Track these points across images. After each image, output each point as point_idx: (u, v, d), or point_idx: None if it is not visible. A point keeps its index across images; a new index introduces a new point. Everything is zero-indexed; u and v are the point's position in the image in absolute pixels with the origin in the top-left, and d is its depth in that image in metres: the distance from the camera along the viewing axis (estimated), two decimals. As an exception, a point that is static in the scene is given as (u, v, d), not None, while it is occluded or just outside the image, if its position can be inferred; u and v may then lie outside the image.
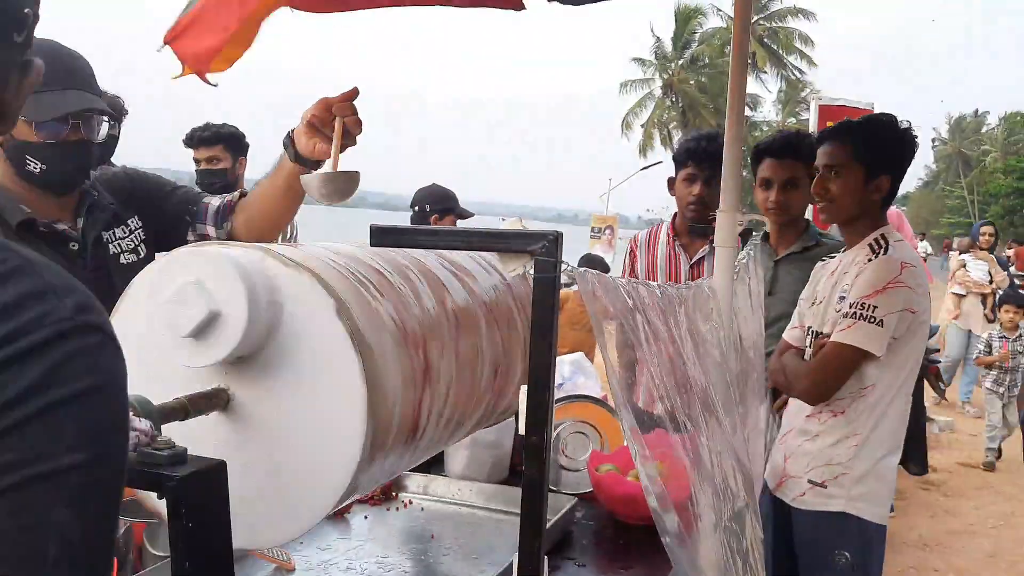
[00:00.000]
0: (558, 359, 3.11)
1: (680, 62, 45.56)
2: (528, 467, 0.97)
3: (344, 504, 1.98)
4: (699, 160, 2.94)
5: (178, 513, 1.05)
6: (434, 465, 2.30)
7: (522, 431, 0.96)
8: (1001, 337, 6.92)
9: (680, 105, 44.72)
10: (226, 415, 1.25)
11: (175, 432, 1.12)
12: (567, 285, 1.00)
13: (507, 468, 2.30)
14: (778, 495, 2.42)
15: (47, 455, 0.56)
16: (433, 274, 1.57)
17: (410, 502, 2.09)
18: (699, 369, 1.47)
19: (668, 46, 45.59)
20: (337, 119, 1.65)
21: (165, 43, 1.91)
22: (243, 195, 2.01)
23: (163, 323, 1.18)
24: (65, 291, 0.62)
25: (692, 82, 45.24)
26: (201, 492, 1.06)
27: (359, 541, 1.85)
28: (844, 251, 2.43)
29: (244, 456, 1.18)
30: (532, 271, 0.91)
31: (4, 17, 0.68)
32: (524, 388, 0.95)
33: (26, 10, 0.70)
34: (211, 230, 1.97)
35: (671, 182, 3.12)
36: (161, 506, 1.33)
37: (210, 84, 1.97)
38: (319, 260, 1.29)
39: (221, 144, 3.74)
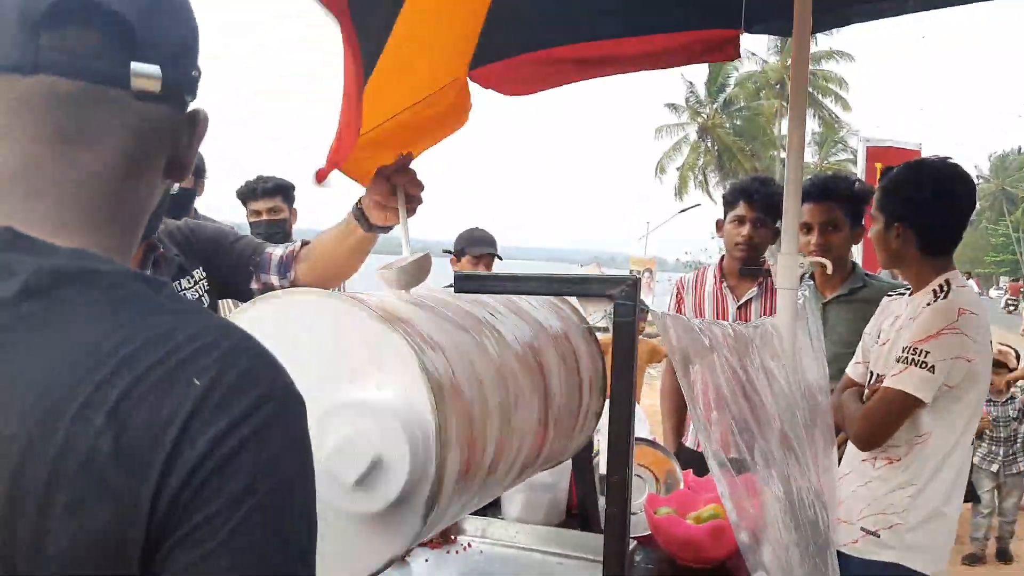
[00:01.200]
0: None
1: (715, 106, 45.78)
2: (610, 506, 0.99)
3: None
4: (750, 201, 2.96)
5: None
6: (491, 508, 2.31)
7: (602, 470, 0.98)
8: (989, 401, 5.44)
9: (715, 149, 44.82)
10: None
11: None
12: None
13: (563, 511, 2.30)
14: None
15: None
16: (495, 317, 1.61)
17: (469, 545, 2.09)
18: (776, 407, 1.48)
19: (701, 90, 45.88)
20: (398, 189, 1.67)
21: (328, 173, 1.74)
22: (304, 244, 2.05)
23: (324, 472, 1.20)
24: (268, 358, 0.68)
25: (728, 126, 45.39)
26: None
27: (421, 584, 1.86)
28: (911, 294, 2.39)
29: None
30: (612, 315, 0.94)
31: (179, 83, 0.73)
32: (605, 427, 0.97)
33: (194, 72, 0.75)
34: (275, 279, 2.01)
35: (720, 224, 3.15)
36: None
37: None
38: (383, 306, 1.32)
39: (280, 195, 3.81)
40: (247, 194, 3.81)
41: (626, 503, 0.97)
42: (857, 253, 3.21)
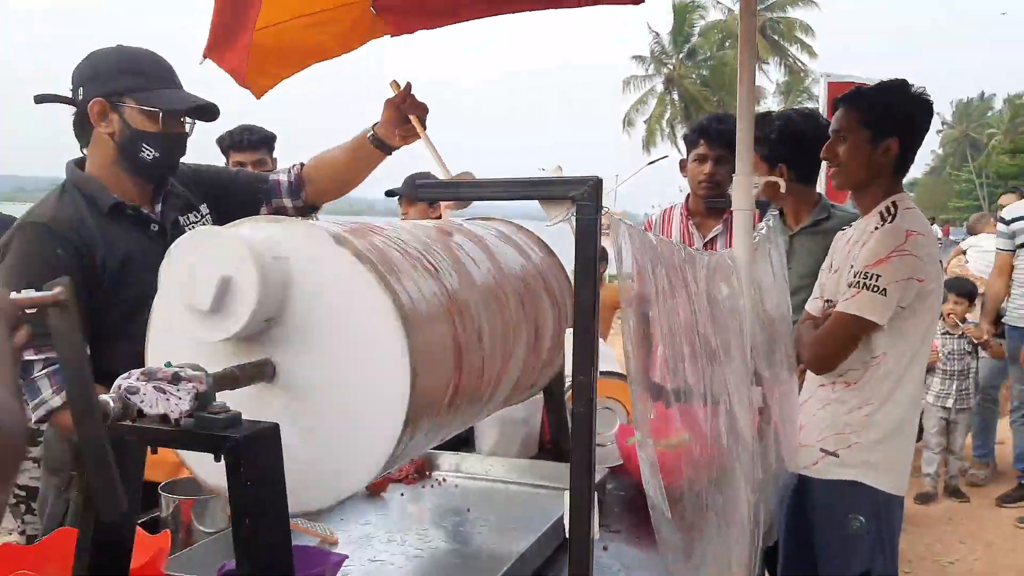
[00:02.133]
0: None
1: (680, 56, 45.56)
2: (577, 405, 1.01)
3: (381, 477, 2.03)
4: (710, 139, 2.99)
5: (236, 472, 1.09)
6: (465, 444, 2.34)
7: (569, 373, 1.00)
8: (944, 333, 5.44)
9: (682, 100, 44.71)
10: (272, 385, 1.29)
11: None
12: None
13: (536, 444, 2.34)
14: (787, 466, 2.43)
15: None
16: (463, 249, 1.62)
17: (444, 480, 2.13)
18: (726, 333, 1.51)
19: (667, 41, 45.60)
20: (413, 119, 1.98)
21: (205, 56, 1.85)
22: (303, 165, 2.28)
23: (184, 305, 1.23)
24: None
25: (694, 76, 45.25)
26: (258, 452, 1.11)
27: (397, 517, 1.89)
28: (859, 220, 2.44)
29: (290, 425, 1.23)
30: (574, 217, 0.95)
31: None
32: (569, 332, 0.99)
33: None
34: (288, 202, 2.24)
35: (683, 164, 3.18)
36: (211, 478, 1.38)
37: (255, 96, 2.03)
38: (361, 237, 1.33)
39: (265, 147, 3.70)
40: (231, 145, 3.66)
41: (591, 403, 0.99)
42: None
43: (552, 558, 1.67)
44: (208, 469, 1.33)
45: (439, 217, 3.76)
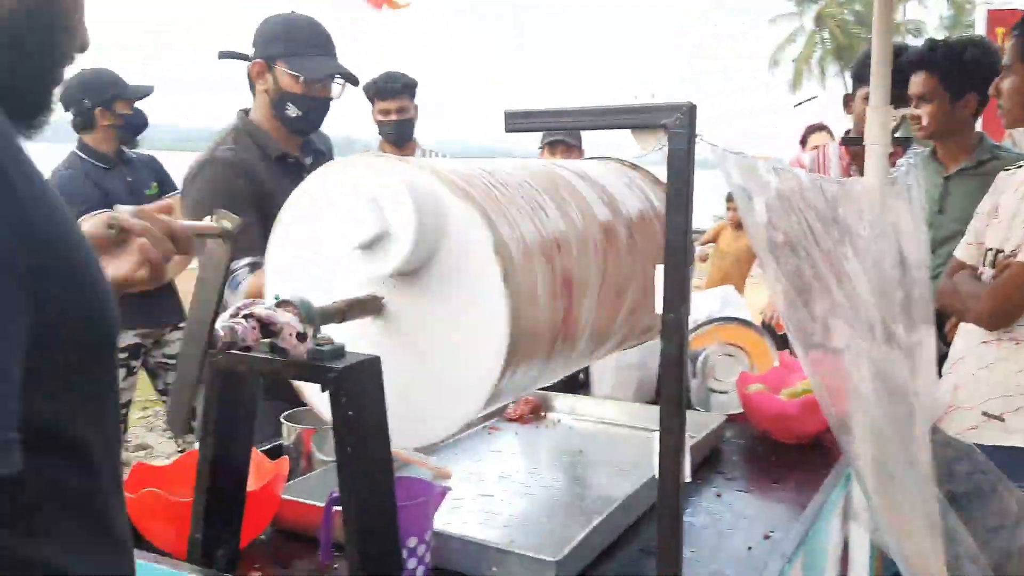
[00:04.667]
0: (707, 292, 3.06)
1: (832, -9, 43.06)
2: (666, 344, 0.98)
3: (490, 411, 2.06)
4: None
5: (339, 402, 1.13)
6: (582, 387, 2.34)
7: (659, 310, 0.96)
8: None
9: (832, 39, 42.35)
10: (379, 321, 1.32)
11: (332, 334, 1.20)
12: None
13: (653, 390, 2.30)
14: (940, 426, 2.26)
15: None
16: (574, 188, 1.59)
17: (558, 421, 2.13)
18: (855, 271, 1.41)
19: (819, -25, 43.14)
20: None
21: None
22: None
23: (336, 233, 1.26)
24: None
25: (846, 12, 42.72)
26: (359, 383, 1.14)
27: (510, 454, 1.91)
28: None
29: (395, 360, 1.25)
30: (666, 145, 0.91)
31: None
32: (660, 267, 0.95)
33: None
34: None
35: (848, 99, 3.00)
36: (326, 409, 1.43)
37: (400, 5, 2.05)
38: (463, 174, 1.33)
39: (407, 94, 3.75)
40: (376, 93, 3.73)
41: (682, 340, 0.96)
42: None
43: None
44: (323, 400, 1.38)
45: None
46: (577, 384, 2.34)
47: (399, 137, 3.73)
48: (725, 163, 0.96)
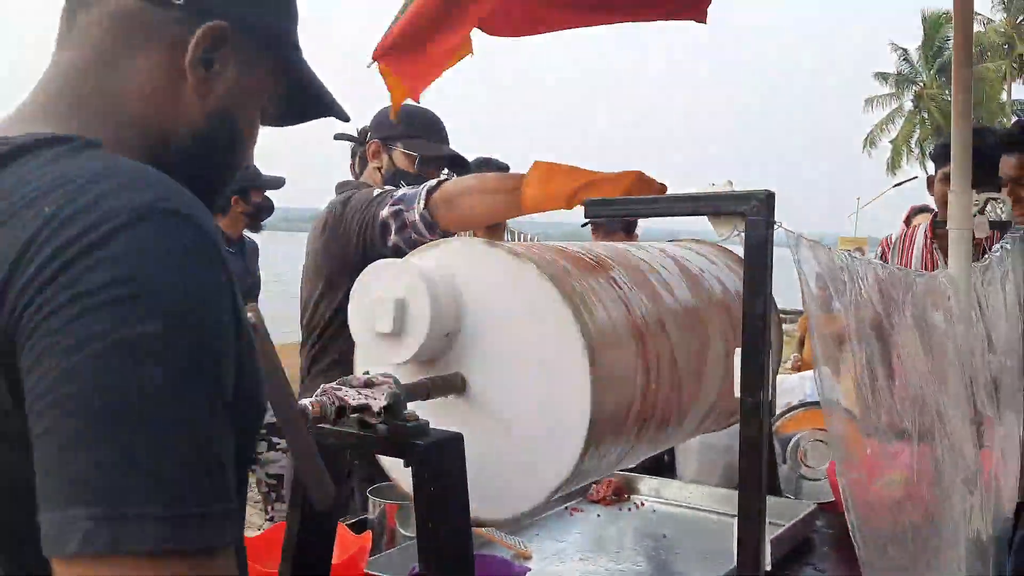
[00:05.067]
0: (800, 375, 2.99)
1: (931, 72, 42.44)
2: (745, 429, 0.98)
3: (572, 492, 2.05)
4: None
5: (421, 478, 1.15)
6: (667, 470, 2.31)
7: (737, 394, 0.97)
8: None
9: (931, 119, 41.55)
10: (461, 398, 1.35)
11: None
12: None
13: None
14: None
15: (128, 324, 0.59)
16: (656, 270, 1.61)
17: (642, 504, 2.11)
18: (928, 367, 1.39)
19: (916, 57, 42.64)
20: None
21: (374, 59, 1.81)
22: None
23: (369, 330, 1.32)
24: (145, 185, 0.66)
25: (947, 93, 41.93)
26: (442, 459, 1.16)
27: (592, 536, 1.90)
28: None
29: (475, 436, 1.28)
30: (743, 232, 0.93)
31: None
32: (738, 352, 0.96)
33: None
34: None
35: (931, 181, 2.98)
36: (407, 484, 1.46)
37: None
38: (542, 253, 1.37)
39: None
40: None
41: (760, 424, 0.96)
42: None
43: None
44: (406, 475, 1.41)
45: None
46: (662, 466, 2.32)
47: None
48: (800, 251, 0.97)
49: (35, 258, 0.60)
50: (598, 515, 2.03)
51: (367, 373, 1.23)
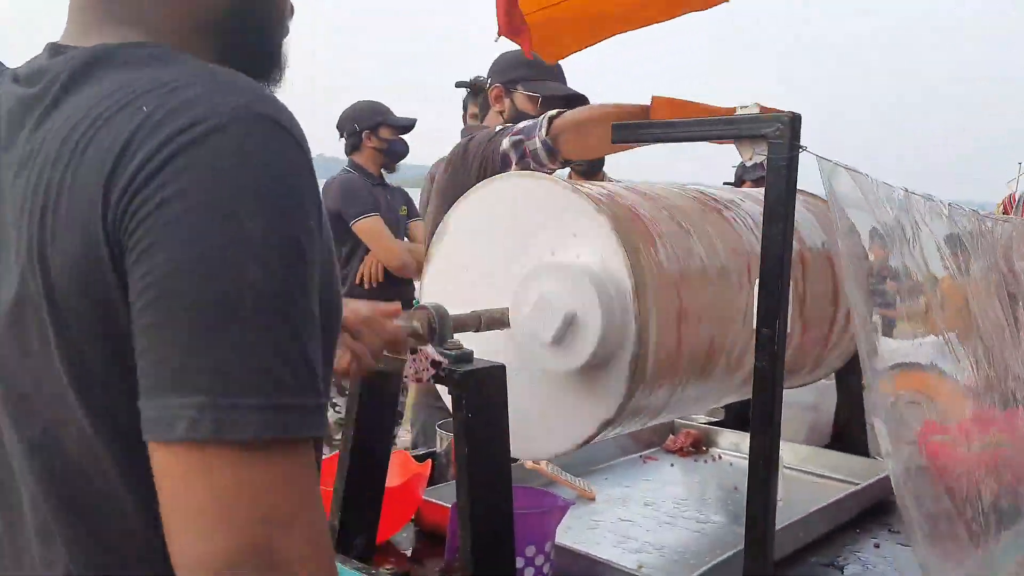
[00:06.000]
0: (927, 341, 2.88)
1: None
2: (759, 360, 0.94)
3: (612, 432, 2.04)
4: None
5: (460, 404, 1.18)
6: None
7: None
8: None
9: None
10: (512, 336, 1.36)
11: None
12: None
13: (828, 435, 2.18)
14: None
15: (229, 222, 0.61)
16: (724, 217, 1.57)
17: (720, 457, 2.08)
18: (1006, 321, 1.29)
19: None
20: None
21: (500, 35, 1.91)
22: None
23: (527, 331, 1.32)
24: (240, 88, 0.67)
25: None
26: (481, 387, 1.18)
27: (661, 484, 1.88)
28: None
29: (523, 374, 1.29)
30: (766, 155, 0.88)
31: None
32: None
33: None
34: None
35: None
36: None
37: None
38: (612, 195, 1.36)
39: None
40: None
41: (774, 358, 0.92)
42: None
43: (812, 544, 1.58)
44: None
45: None
46: (745, 419, 2.27)
47: (590, 167, 3.79)
48: (832, 177, 0.91)
49: (137, 153, 0.63)
50: (672, 464, 2.02)
51: (417, 301, 1.25)
